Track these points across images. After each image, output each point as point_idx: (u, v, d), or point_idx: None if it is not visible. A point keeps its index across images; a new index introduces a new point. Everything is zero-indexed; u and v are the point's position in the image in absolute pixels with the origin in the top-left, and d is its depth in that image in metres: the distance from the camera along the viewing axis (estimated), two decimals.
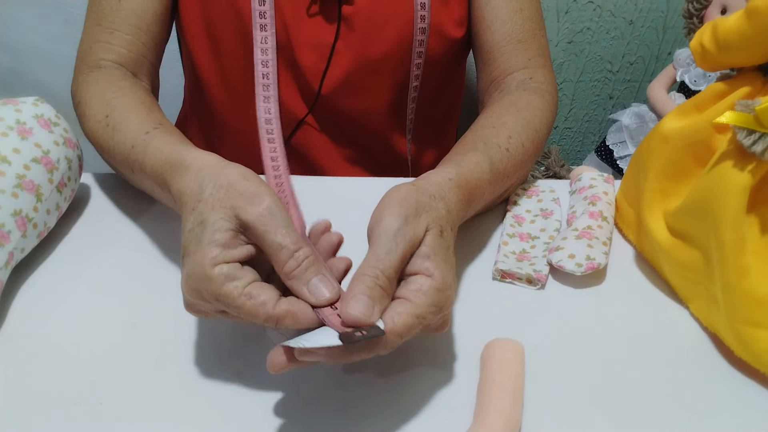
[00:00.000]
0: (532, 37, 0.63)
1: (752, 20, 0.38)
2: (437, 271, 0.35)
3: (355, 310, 0.33)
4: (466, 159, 0.47)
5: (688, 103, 0.46)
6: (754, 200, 0.40)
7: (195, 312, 0.38)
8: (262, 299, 0.34)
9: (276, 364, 0.34)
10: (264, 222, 0.35)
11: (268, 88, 0.60)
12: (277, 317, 0.34)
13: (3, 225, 0.44)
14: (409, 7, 0.62)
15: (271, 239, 0.35)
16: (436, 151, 0.78)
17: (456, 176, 0.44)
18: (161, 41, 0.64)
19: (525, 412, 0.38)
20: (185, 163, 0.41)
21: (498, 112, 0.56)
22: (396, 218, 0.36)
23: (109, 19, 0.59)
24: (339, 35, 0.63)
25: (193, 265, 0.35)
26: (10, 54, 1.22)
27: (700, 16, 1.15)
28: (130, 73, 0.60)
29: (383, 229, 0.36)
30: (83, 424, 0.37)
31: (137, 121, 0.49)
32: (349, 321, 0.33)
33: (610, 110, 1.53)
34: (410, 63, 0.65)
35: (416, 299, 0.35)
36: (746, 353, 0.40)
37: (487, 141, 0.51)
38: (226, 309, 0.35)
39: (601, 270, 0.49)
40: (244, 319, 0.35)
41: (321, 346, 0.32)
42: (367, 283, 0.34)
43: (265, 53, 0.61)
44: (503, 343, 0.40)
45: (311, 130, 0.69)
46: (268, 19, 0.60)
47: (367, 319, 0.33)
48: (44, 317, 0.44)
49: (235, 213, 0.36)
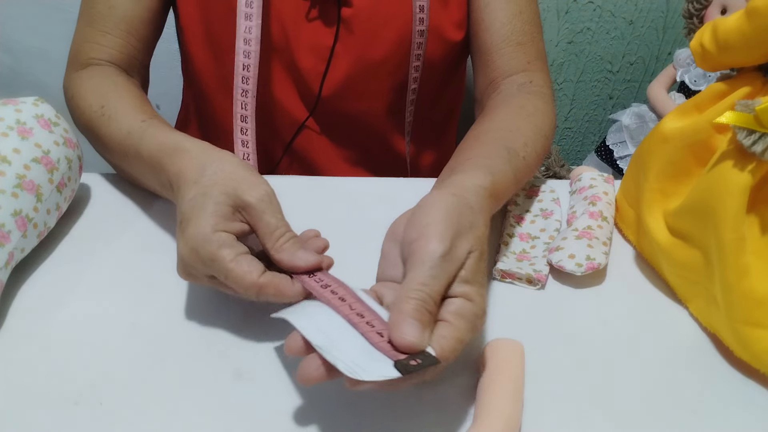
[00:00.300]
0: (531, 40, 0.63)
1: (752, 20, 0.38)
2: (477, 297, 0.35)
3: (410, 336, 0.32)
4: (496, 166, 0.46)
5: (688, 103, 0.46)
6: (754, 200, 0.40)
7: (187, 275, 0.41)
8: (249, 268, 0.38)
9: (311, 377, 0.33)
10: (263, 205, 0.40)
11: (248, 81, 0.58)
12: (261, 285, 0.37)
13: (3, 225, 0.44)
14: (408, 10, 0.62)
15: (268, 219, 0.40)
16: (435, 153, 0.78)
17: (490, 185, 0.43)
18: (151, 43, 0.65)
19: (525, 412, 0.38)
20: (184, 146, 0.45)
21: (511, 116, 0.55)
22: (442, 242, 0.35)
23: (101, 23, 0.61)
24: (338, 38, 0.63)
25: (194, 229, 0.39)
26: (10, 54, 1.22)
27: (700, 16, 1.15)
28: (122, 70, 0.61)
29: (430, 252, 0.35)
30: (83, 424, 0.37)
31: (133, 111, 0.53)
32: (404, 346, 0.32)
33: (610, 110, 1.53)
34: (409, 66, 0.65)
35: (457, 323, 0.34)
36: (746, 353, 0.40)
37: (508, 147, 0.50)
38: (216, 274, 0.38)
39: (601, 270, 0.49)
40: (230, 285, 0.38)
41: (378, 380, 0.31)
42: (416, 307, 0.33)
43: (248, 44, 0.58)
44: (503, 343, 0.40)
45: (311, 133, 0.69)
46: (254, 9, 0.57)
47: (420, 345, 0.32)
48: (44, 317, 0.44)
49: (236, 193, 0.40)
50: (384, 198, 0.58)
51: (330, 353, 0.32)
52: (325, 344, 0.33)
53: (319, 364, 0.33)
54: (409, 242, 0.36)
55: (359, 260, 0.42)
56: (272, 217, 0.40)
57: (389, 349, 0.33)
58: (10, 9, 1.16)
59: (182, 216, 0.40)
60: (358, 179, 0.62)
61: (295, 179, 0.62)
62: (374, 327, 0.34)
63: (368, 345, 0.33)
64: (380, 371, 0.31)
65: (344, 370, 0.31)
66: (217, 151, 0.44)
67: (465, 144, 0.52)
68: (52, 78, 1.24)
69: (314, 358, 0.33)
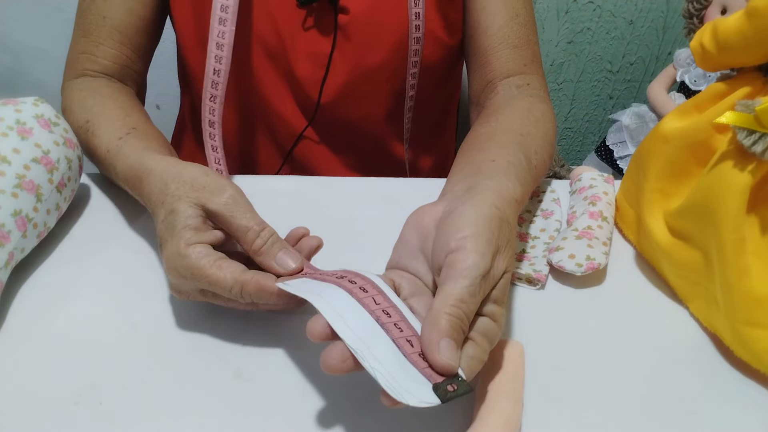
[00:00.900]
0: (527, 43, 0.63)
1: (752, 20, 0.38)
2: (502, 318, 0.35)
3: (447, 357, 0.31)
4: (521, 176, 0.45)
5: (688, 103, 0.46)
6: (754, 200, 0.40)
7: (178, 293, 0.42)
8: (231, 269, 0.38)
9: (335, 368, 0.32)
10: (229, 209, 0.40)
11: (217, 86, 0.58)
12: (243, 281, 0.38)
13: (3, 225, 0.44)
14: (404, 15, 0.62)
15: (238, 223, 0.40)
16: (434, 156, 0.78)
17: (520, 197, 0.42)
18: (146, 51, 0.65)
19: (525, 412, 0.38)
20: (147, 167, 0.45)
21: (519, 118, 0.54)
22: (484, 259, 0.34)
23: (95, 33, 0.61)
24: (335, 45, 0.63)
25: (170, 249, 0.39)
26: (10, 54, 1.22)
27: (700, 16, 1.15)
28: (115, 80, 0.62)
29: (470, 268, 0.33)
30: (83, 424, 0.37)
31: (113, 126, 0.53)
32: (440, 367, 0.31)
33: (610, 110, 1.53)
34: (406, 71, 0.65)
35: (482, 343, 0.33)
36: (746, 353, 0.40)
37: (526, 154, 0.48)
38: (201, 285, 0.39)
39: (601, 270, 0.49)
40: (217, 291, 0.39)
41: (421, 405, 0.29)
42: (453, 325, 0.32)
43: (221, 49, 0.57)
44: (503, 343, 0.40)
45: (310, 140, 0.69)
46: (229, 15, 0.56)
47: (455, 367, 0.31)
48: (44, 317, 0.44)
49: (200, 203, 0.40)
50: (383, 198, 0.58)
51: (367, 361, 0.31)
52: (360, 347, 0.31)
53: (347, 357, 0.31)
54: (445, 249, 0.35)
55: (359, 260, 0.42)
56: (242, 219, 0.40)
57: (424, 366, 0.31)
58: (10, 9, 1.16)
59: (160, 238, 0.41)
60: (357, 179, 0.62)
61: (294, 179, 0.62)
62: (403, 332, 0.33)
63: (402, 357, 0.32)
64: (422, 396, 0.30)
65: (386, 387, 0.30)
66: (179, 164, 0.44)
67: (479, 141, 0.51)
68: (52, 78, 1.24)
69: (341, 347, 0.32)
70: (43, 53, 1.22)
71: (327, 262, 0.43)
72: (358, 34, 0.62)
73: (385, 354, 0.32)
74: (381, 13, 0.62)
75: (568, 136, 1.59)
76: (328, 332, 0.33)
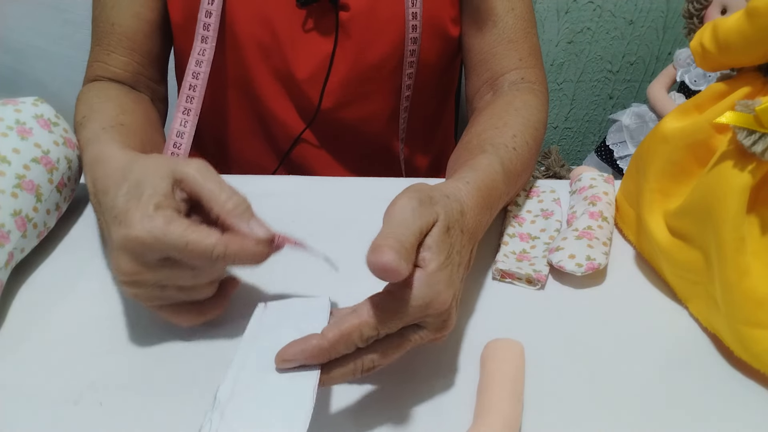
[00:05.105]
0: (524, 36, 0.62)
1: (752, 20, 0.38)
2: (432, 264, 0.35)
3: (384, 257, 0.32)
4: (478, 162, 0.47)
5: (688, 103, 0.46)
6: (754, 200, 0.40)
7: (133, 288, 0.38)
8: (207, 230, 0.36)
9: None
10: (201, 173, 0.38)
11: (192, 101, 0.59)
12: (227, 239, 0.36)
13: (3, 225, 0.44)
14: (401, 11, 0.62)
15: (210, 186, 0.37)
16: (430, 155, 0.78)
17: (473, 180, 0.43)
18: (158, 57, 0.65)
19: (525, 412, 0.38)
20: (105, 155, 0.42)
21: (497, 113, 0.56)
22: (410, 200, 0.36)
23: (105, 41, 0.62)
24: (337, 44, 0.62)
25: (136, 211, 0.36)
26: (11, 54, 1.22)
27: (701, 16, 1.15)
28: (127, 86, 0.62)
29: (398, 208, 0.36)
30: (83, 424, 0.37)
31: (101, 118, 0.51)
32: (377, 268, 0.32)
33: (610, 110, 1.53)
34: (403, 68, 0.65)
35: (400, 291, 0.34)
36: (746, 353, 0.40)
37: (493, 142, 0.50)
38: (171, 253, 0.36)
39: (601, 270, 0.49)
40: (190, 256, 0.36)
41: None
42: (389, 243, 0.33)
43: (200, 65, 0.59)
44: (503, 343, 0.40)
45: (307, 142, 0.69)
46: (210, 33, 0.58)
47: (397, 266, 0.32)
48: (44, 317, 0.44)
49: (171, 169, 0.38)
50: (383, 198, 0.57)
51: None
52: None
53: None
54: (384, 217, 0.37)
55: (358, 260, 0.42)
56: (213, 183, 0.37)
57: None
58: (10, 9, 1.16)
59: (117, 210, 0.37)
60: (354, 179, 0.62)
61: (293, 179, 0.62)
62: None
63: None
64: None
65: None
66: (139, 153, 0.42)
67: (454, 155, 0.53)
68: (52, 78, 1.24)
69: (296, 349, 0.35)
70: (43, 53, 1.22)
71: (326, 262, 0.43)
72: (358, 31, 0.62)
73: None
74: (380, 8, 0.62)
75: (568, 136, 1.59)
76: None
